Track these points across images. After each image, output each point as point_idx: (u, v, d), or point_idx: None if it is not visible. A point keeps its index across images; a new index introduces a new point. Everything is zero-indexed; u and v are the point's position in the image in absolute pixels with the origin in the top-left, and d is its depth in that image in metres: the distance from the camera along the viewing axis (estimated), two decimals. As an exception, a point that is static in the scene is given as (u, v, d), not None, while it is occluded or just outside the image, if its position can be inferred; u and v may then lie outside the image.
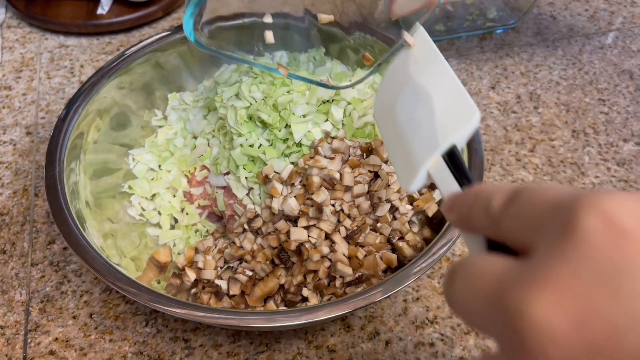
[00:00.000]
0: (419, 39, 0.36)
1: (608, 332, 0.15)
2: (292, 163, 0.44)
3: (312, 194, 0.41)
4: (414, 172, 0.29)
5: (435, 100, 0.31)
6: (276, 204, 0.42)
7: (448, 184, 0.27)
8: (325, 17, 0.43)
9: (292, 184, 0.43)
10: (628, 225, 0.16)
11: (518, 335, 0.16)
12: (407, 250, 0.41)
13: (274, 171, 0.44)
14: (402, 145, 0.31)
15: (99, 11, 0.67)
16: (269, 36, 0.42)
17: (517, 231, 0.19)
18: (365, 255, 0.41)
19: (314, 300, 0.40)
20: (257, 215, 0.43)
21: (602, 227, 0.16)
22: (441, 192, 0.27)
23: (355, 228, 0.41)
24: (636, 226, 0.16)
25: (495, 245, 0.21)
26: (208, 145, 0.48)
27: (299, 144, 0.45)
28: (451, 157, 0.28)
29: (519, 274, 0.17)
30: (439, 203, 0.44)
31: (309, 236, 0.41)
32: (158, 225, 0.48)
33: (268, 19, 0.42)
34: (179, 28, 0.53)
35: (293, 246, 0.40)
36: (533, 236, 0.18)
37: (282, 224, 0.42)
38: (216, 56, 0.56)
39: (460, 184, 0.26)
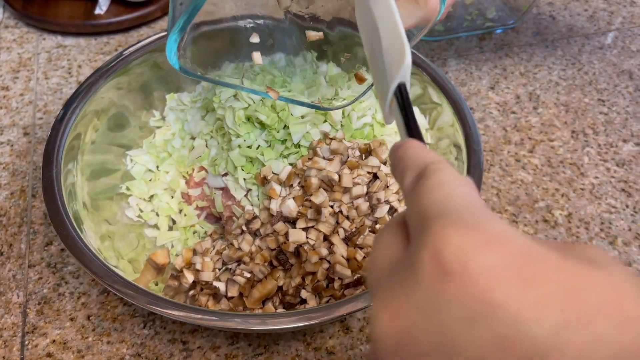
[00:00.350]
0: None
1: (416, 355, 0.18)
2: (290, 164, 0.44)
3: (311, 195, 0.41)
4: (383, 106, 0.29)
5: (382, 32, 0.30)
6: (274, 206, 0.42)
7: (400, 125, 0.27)
8: (313, 35, 0.43)
9: (291, 185, 0.43)
10: (449, 264, 0.17)
11: (372, 339, 0.19)
12: (406, 252, 0.41)
13: (273, 172, 0.43)
14: (374, 71, 0.31)
15: (97, 11, 0.67)
16: (257, 57, 0.41)
17: (408, 220, 0.21)
18: (364, 257, 0.41)
19: (312, 302, 0.40)
20: (255, 217, 0.43)
21: (431, 263, 0.18)
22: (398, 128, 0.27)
23: (354, 229, 0.41)
24: (456, 265, 0.17)
25: None
26: (206, 146, 0.48)
27: (298, 145, 0.44)
28: (401, 96, 0.27)
29: (388, 279, 0.20)
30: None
31: (307, 238, 0.41)
32: (156, 226, 0.48)
33: (255, 39, 0.41)
34: (177, 28, 0.53)
35: (291, 248, 0.40)
36: (411, 237, 0.21)
37: (280, 226, 0.41)
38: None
39: (406, 127, 0.26)
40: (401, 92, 0.27)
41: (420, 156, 0.22)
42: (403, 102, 0.27)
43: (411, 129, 0.26)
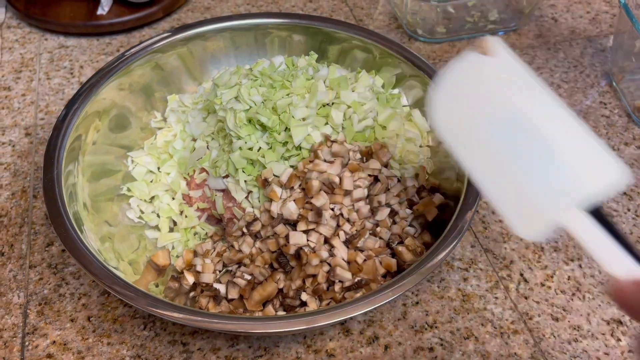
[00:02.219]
0: (503, 55, 0.32)
1: None
2: (291, 166, 0.44)
3: (312, 197, 0.41)
4: (539, 220, 0.27)
5: (561, 144, 0.28)
6: (275, 208, 0.42)
7: (599, 244, 0.25)
8: None
9: (292, 188, 0.43)
10: None
11: None
12: (407, 255, 0.41)
13: (274, 174, 0.43)
14: (507, 178, 0.29)
15: (99, 12, 0.67)
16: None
17: None
18: (365, 260, 0.41)
19: (312, 304, 0.40)
20: (256, 219, 0.43)
21: None
22: (590, 251, 0.26)
23: (354, 232, 0.41)
24: None
25: None
26: (207, 147, 0.48)
27: (299, 148, 0.44)
28: (598, 215, 0.26)
29: None
30: (440, 207, 0.44)
31: (308, 240, 0.41)
32: (157, 227, 0.48)
33: None
34: (178, 29, 0.53)
35: (292, 250, 0.40)
36: None
37: (281, 228, 0.41)
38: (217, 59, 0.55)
39: (627, 249, 0.25)
40: (601, 213, 0.26)
41: None
42: (607, 223, 0.25)
43: (631, 247, 0.24)
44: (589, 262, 0.48)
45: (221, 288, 0.41)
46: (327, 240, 0.41)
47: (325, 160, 0.43)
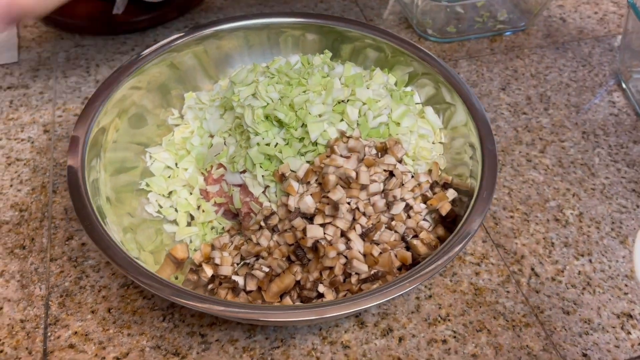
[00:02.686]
0: None
1: None
2: (308, 162, 0.45)
3: (328, 192, 0.42)
4: None
5: None
6: (292, 202, 0.43)
7: None
8: None
9: (308, 182, 0.44)
10: None
11: None
12: (422, 248, 0.42)
13: (290, 169, 0.44)
14: None
15: (114, 11, 0.68)
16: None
17: None
18: (380, 253, 0.42)
19: (329, 296, 0.41)
20: (273, 213, 0.44)
21: None
22: None
23: (370, 226, 0.42)
24: None
25: None
26: (224, 143, 0.49)
27: (315, 143, 0.45)
28: None
29: None
30: (453, 202, 0.45)
31: (325, 233, 0.42)
32: (175, 222, 0.49)
33: None
34: (193, 29, 0.54)
35: (309, 243, 0.41)
36: None
37: (298, 222, 0.42)
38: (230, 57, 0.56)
39: None
40: None
41: None
42: None
43: None
44: (599, 257, 0.49)
45: (239, 280, 0.42)
46: (343, 234, 0.42)
47: (341, 156, 0.44)
